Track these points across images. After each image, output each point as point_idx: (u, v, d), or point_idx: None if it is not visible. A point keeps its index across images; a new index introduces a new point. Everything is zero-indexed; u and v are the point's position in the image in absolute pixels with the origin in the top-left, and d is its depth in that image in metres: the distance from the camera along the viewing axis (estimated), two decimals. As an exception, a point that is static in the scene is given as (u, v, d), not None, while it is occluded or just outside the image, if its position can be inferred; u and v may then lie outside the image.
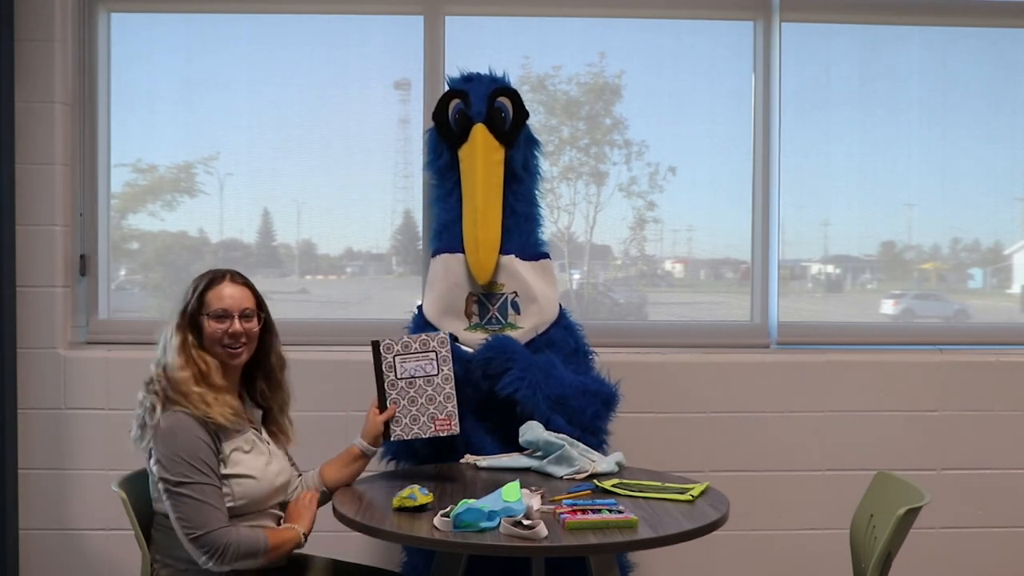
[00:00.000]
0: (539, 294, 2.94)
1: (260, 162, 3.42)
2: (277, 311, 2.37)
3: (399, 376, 2.51)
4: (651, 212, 3.50)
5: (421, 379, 2.51)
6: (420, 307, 3.03)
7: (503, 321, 2.92)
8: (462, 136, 2.91)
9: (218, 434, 2.16)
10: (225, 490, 2.15)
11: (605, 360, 3.05)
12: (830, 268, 3.63)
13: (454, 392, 2.51)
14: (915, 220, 3.60)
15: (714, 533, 2.18)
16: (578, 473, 2.53)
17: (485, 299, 2.92)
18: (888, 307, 3.61)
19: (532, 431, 2.65)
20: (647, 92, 3.49)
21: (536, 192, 3.06)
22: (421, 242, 3.43)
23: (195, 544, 2.07)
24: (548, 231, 3.46)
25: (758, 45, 3.46)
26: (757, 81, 3.46)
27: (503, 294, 2.92)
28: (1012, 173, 3.57)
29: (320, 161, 3.43)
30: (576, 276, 3.55)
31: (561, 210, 3.49)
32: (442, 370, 2.51)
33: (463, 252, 2.89)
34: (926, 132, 3.55)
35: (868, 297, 3.64)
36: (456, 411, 2.51)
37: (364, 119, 3.43)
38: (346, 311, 3.48)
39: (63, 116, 3.25)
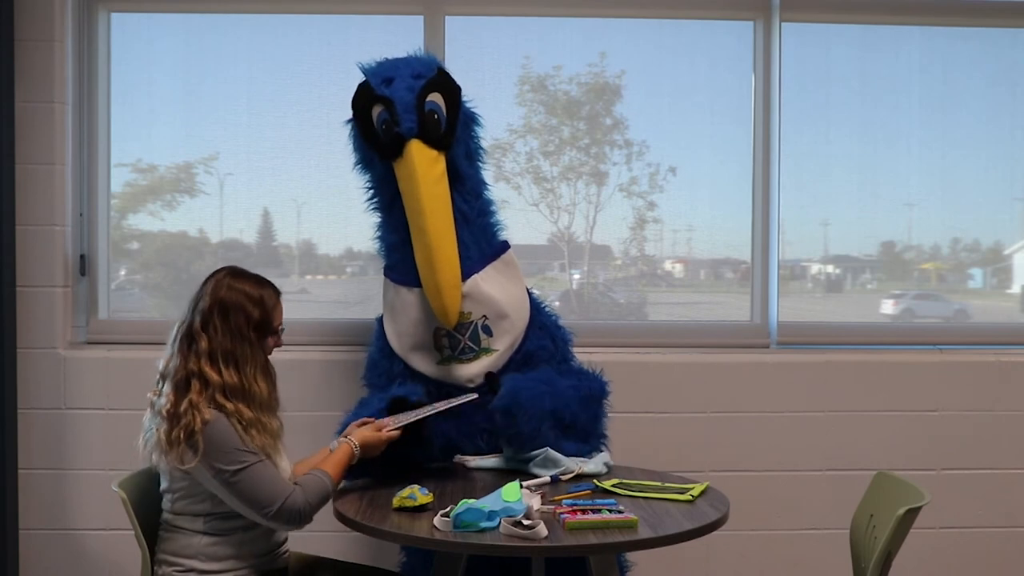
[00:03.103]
0: (508, 307, 2.75)
1: (260, 162, 3.42)
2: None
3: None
4: (651, 212, 3.50)
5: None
6: (380, 322, 2.88)
7: (476, 348, 2.74)
8: (393, 149, 2.61)
9: None
10: None
11: (605, 360, 3.04)
12: (830, 268, 3.63)
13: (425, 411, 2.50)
14: (915, 220, 3.60)
15: (714, 533, 2.18)
16: (565, 473, 2.53)
17: (453, 331, 2.71)
18: (888, 307, 3.61)
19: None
20: (647, 92, 3.49)
21: (481, 173, 2.84)
22: (421, 242, 3.42)
23: (275, 520, 2.11)
24: (548, 231, 3.48)
25: (758, 45, 3.46)
26: (757, 81, 3.46)
27: (471, 322, 2.72)
28: (1012, 173, 3.57)
29: (320, 161, 3.42)
30: (576, 276, 3.54)
31: (561, 210, 3.48)
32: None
33: (420, 286, 2.65)
34: (926, 132, 3.55)
35: (868, 297, 3.64)
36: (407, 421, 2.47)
37: (364, 119, 3.42)
38: (346, 311, 3.48)
39: (63, 116, 3.25)
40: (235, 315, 2.19)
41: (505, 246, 2.86)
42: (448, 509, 2.07)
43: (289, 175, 3.43)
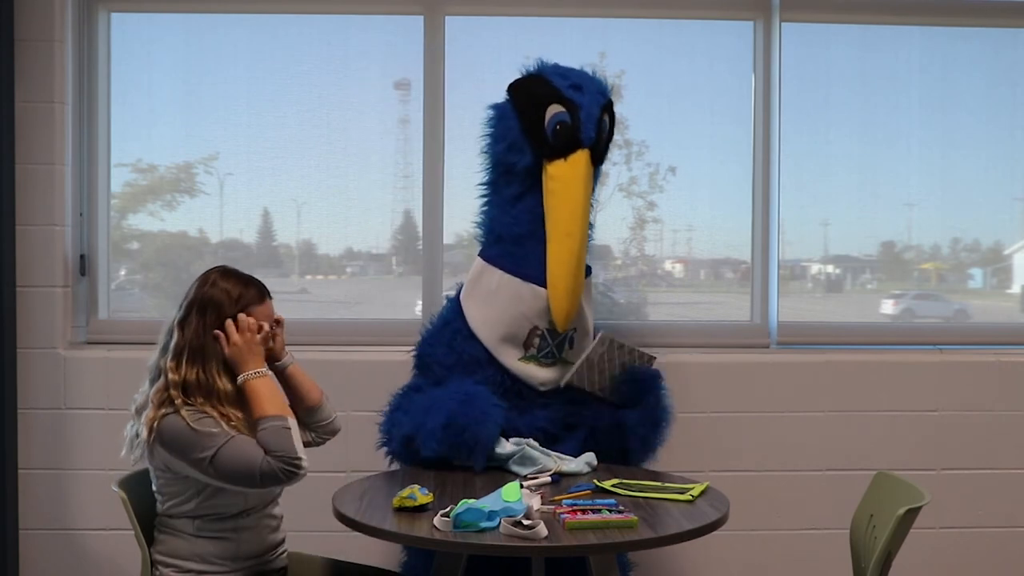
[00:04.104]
0: (590, 325, 2.85)
1: (260, 162, 3.42)
2: (277, 311, 2.36)
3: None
4: (651, 212, 3.50)
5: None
6: (456, 301, 2.86)
7: (557, 355, 2.78)
8: (558, 150, 2.67)
9: None
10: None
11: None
12: (830, 268, 3.63)
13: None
14: (915, 220, 3.60)
15: (714, 533, 2.18)
16: (543, 471, 2.54)
17: (549, 334, 2.75)
18: (888, 307, 3.61)
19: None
20: (647, 92, 3.49)
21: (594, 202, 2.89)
22: (421, 242, 3.43)
23: (264, 487, 2.07)
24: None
25: (758, 45, 3.46)
26: (757, 81, 3.46)
27: (566, 333, 2.78)
28: (1012, 173, 3.57)
29: (320, 161, 3.43)
30: (576, 276, 3.54)
31: (561, 210, 3.48)
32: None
33: (537, 284, 2.69)
34: (926, 132, 3.55)
35: (868, 297, 3.64)
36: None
37: (364, 119, 3.43)
38: (346, 311, 3.48)
39: (63, 116, 3.24)
40: (211, 312, 2.19)
41: (590, 269, 2.88)
42: (448, 509, 2.07)
43: (289, 175, 3.43)
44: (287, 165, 3.42)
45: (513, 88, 2.80)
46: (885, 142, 3.54)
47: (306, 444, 2.36)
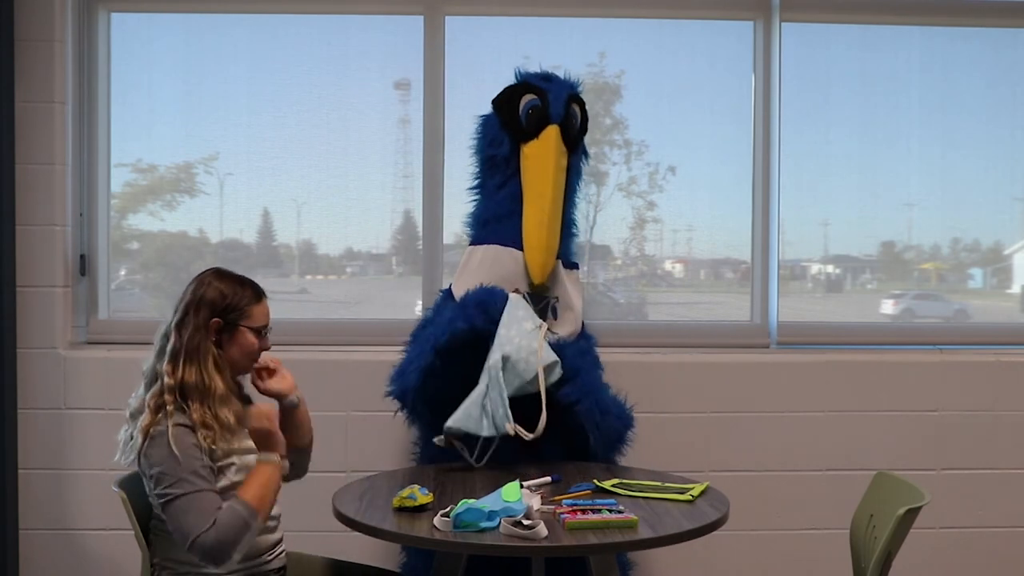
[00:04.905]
0: (575, 304, 2.98)
1: (260, 162, 3.42)
2: (277, 311, 2.37)
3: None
4: (651, 212, 3.51)
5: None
6: (447, 291, 2.99)
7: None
8: (531, 133, 2.91)
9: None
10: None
11: (605, 360, 3.04)
12: (830, 268, 3.63)
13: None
14: (915, 220, 3.60)
15: (714, 533, 2.18)
16: (524, 387, 2.63)
17: (530, 299, 2.87)
18: (888, 307, 3.61)
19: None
20: (647, 92, 3.49)
21: (576, 196, 3.08)
22: (421, 242, 3.43)
23: (192, 552, 2.02)
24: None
25: (758, 45, 3.46)
26: (757, 81, 3.46)
27: (547, 298, 2.92)
28: (1012, 173, 3.57)
29: (320, 161, 3.43)
30: (576, 276, 3.55)
31: (561, 210, 3.48)
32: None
33: (516, 248, 2.89)
34: (926, 132, 3.55)
35: (868, 297, 3.64)
36: None
37: (364, 119, 3.43)
38: (346, 311, 3.49)
39: (63, 116, 3.25)
40: (205, 312, 2.18)
41: (577, 266, 3.10)
42: (448, 509, 2.07)
43: (289, 175, 3.43)
44: (287, 165, 3.42)
45: (495, 99, 3.01)
46: (885, 142, 3.54)
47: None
